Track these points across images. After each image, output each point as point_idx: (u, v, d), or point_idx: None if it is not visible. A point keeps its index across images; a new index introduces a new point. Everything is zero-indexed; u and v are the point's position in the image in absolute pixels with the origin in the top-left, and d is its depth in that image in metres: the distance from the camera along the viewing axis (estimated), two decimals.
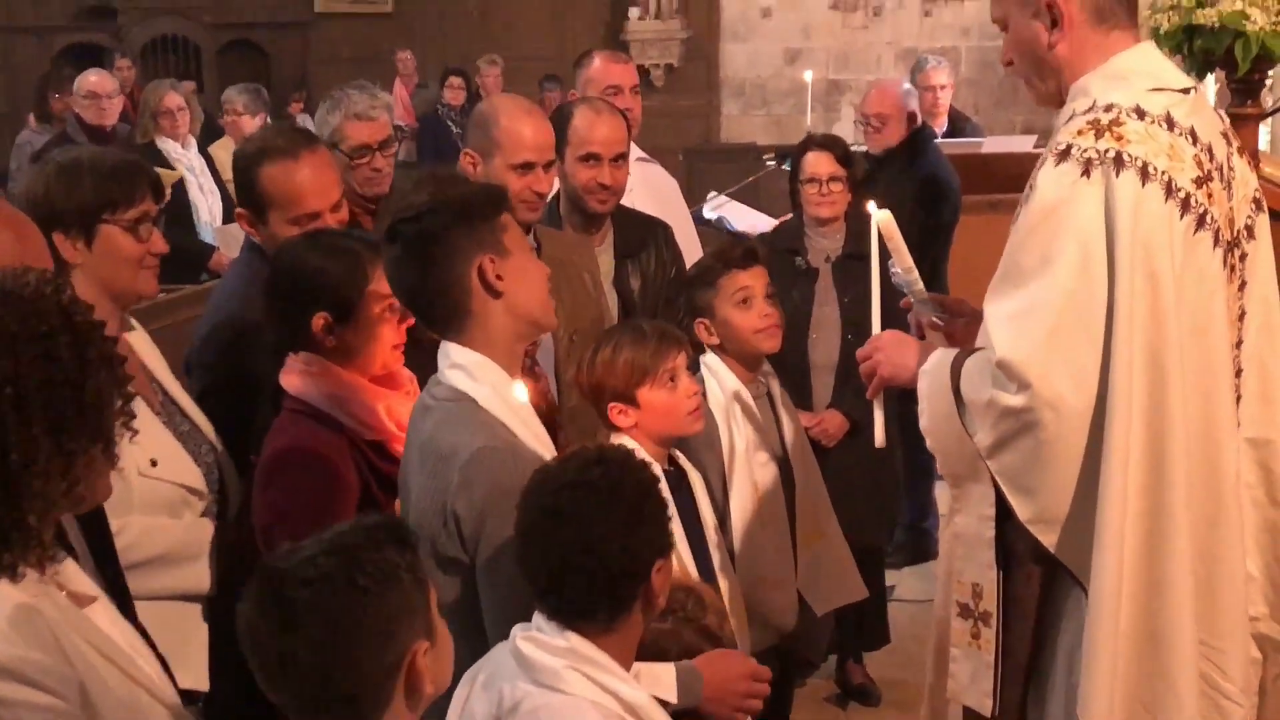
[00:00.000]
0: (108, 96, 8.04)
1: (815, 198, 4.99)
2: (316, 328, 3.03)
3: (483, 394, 2.69)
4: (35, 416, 1.84)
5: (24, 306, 1.87)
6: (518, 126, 3.80)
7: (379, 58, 13.60)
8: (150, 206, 3.11)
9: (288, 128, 3.95)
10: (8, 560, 1.86)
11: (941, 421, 2.88)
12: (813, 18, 14.54)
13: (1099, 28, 2.88)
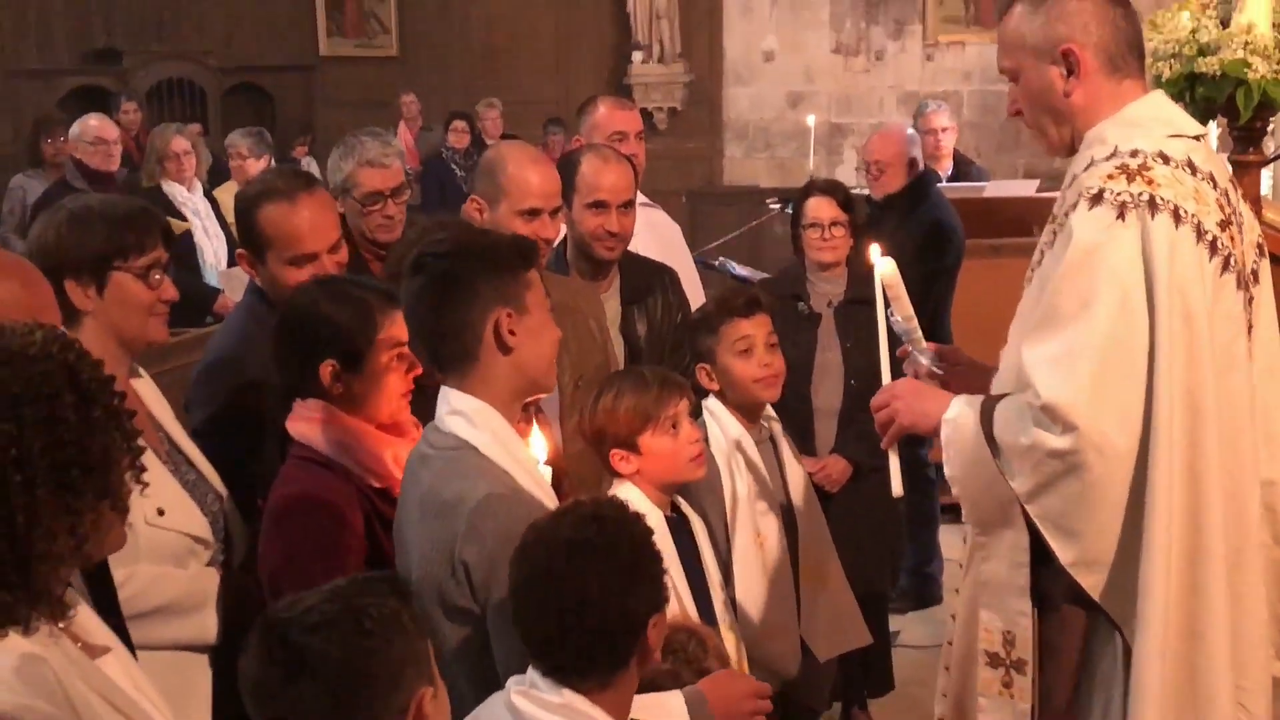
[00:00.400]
0: (112, 142, 8.07)
1: (817, 243, 5.00)
2: (325, 375, 3.03)
3: (483, 441, 2.69)
4: (40, 478, 1.84)
5: (29, 367, 1.87)
6: (524, 173, 3.83)
7: (384, 101, 13.67)
8: (161, 254, 3.12)
9: (288, 170, 3.98)
10: (20, 613, 1.86)
11: (971, 468, 2.88)
12: (815, 61, 14.61)
13: (1112, 77, 2.94)
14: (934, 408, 2.98)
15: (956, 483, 2.93)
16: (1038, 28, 2.94)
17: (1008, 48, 3.01)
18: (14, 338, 1.91)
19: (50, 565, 1.88)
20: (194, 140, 8.17)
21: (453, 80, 14.55)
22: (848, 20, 14.51)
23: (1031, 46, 2.95)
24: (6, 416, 1.84)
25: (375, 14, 15.05)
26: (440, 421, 2.75)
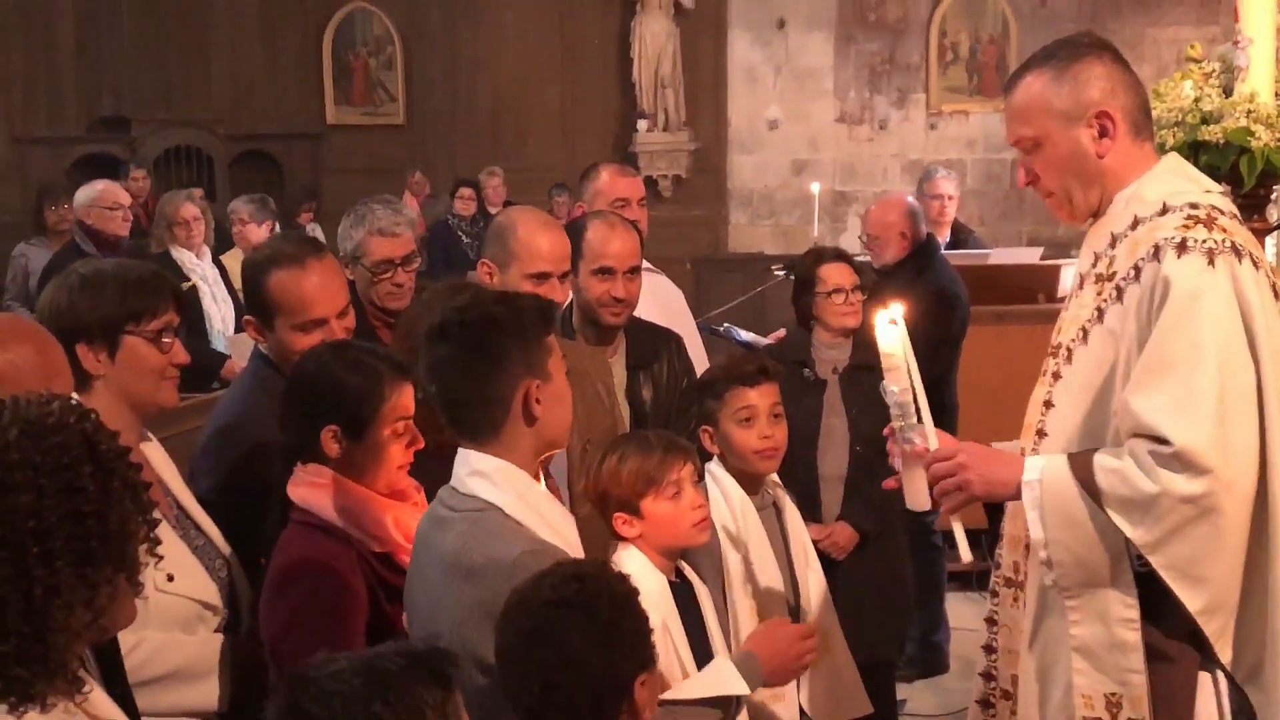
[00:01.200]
0: (122, 206, 8.11)
1: (842, 308, 5.00)
2: (326, 440, 3.03)
3: (508, 501, 2.69)
4: (59, 549, 1.83)
5: (47, 438, 1.86)
6: (534, 238, 3.88)
7: (390, 168, 13.75)
8: (173, 317, 3.12)
9: (295, 236, 4.00)
10: (38, 690, 1.84)
11: (1071, 528, 2.86)
12: (819, 130, 14.71)
13: (1136, 140, 3.03)
14: (1008, 475, 2.94)
15: (1046, 545, 2.89)
16: (1066, 93, 2.98)
17: (1028, 116, 3.03)
18: (31, 408, 1.90)
19: (68, 639, 1.87)
20: (202, 207, 8.20)
21: (459, 148, 14.66)
22: (851, 90, 14.63)
23: (1060, 112, 2.98)
24: (26, 487, 1.82)
25: (382, 83, 15.18)
26: (460, 483, 2.74)
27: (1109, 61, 3.03)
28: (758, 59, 14.76)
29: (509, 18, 14.80)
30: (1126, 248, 2.94)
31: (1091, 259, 3.06)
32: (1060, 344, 3.08)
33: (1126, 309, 2.90)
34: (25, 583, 1.81)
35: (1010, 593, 3.20)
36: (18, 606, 1.81)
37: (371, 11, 15.02)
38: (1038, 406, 3.11)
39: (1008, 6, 14.17)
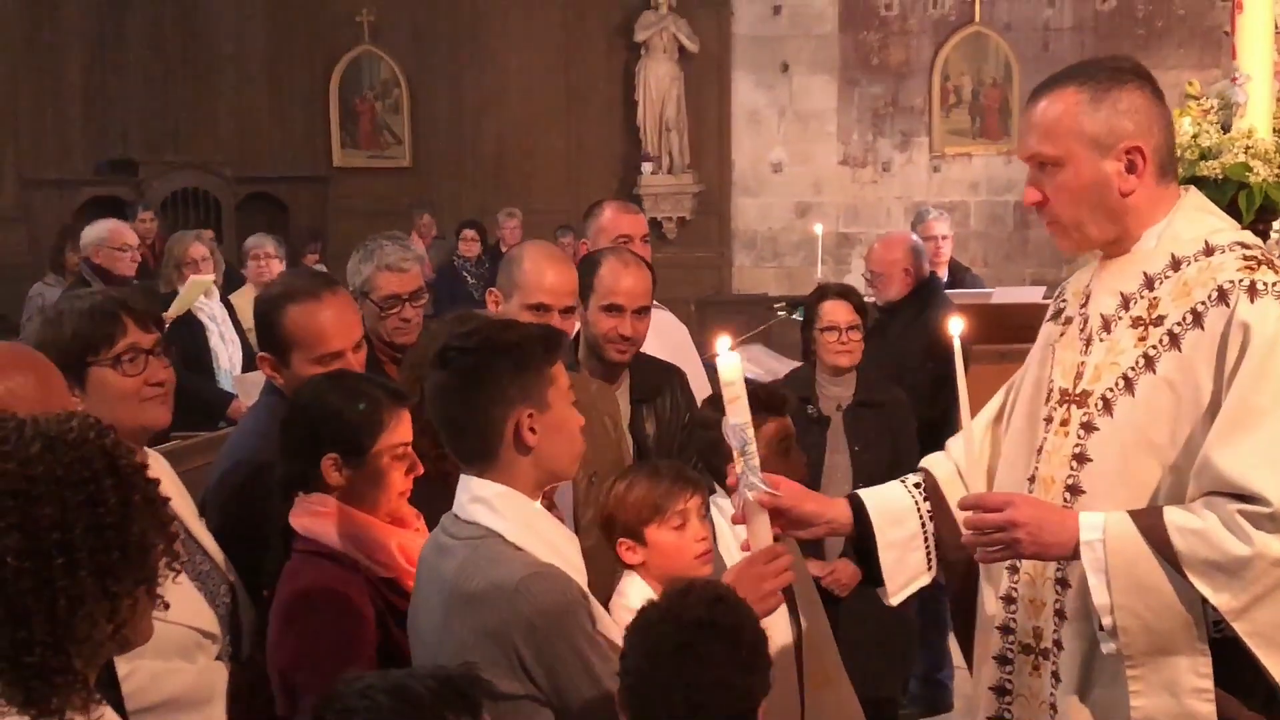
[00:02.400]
0: (129, 247, 8.16)
1: (835, 346, 5.02)
2: (326, 467, 3.04)
3: (507, 527, 2.69)
4: (82, 561, 1.84)
5: (68, 452, 1.88)
6: (539, 269, 3.94)
7: (396, 211, 13.81)
8: (139, 338, 3.08)
9: (308, 271, 4.03)
10: (55, 705, 1.85)
11: (1138, 595, 2.67)
12: (823, 173, 14.78)
13: (1162, 180, 2.85)
14: (1063, 535, 2.72)
15: (1117, 612, 2.69)
16: (1101, 119, 2.79)
17: (1055, 134, 2.83)
18: (51, 424, 1.92)
19: (90, 650, 1.88)
20: (211, 247, 8.25)
21: (464, 191, 14.73)
22: (855, 132, 14.71)
23: (1090, 137, 2.80)
24: (49, 499, 1.84)
25: (389, 126, 15.27)
26: (461, 509, 2.74)
27: (1149, 94, 2.85)
28: (761, 102, 14.84)
29: (514, 62, 14.90)
30: (1173, 290, 2.79)
31: (1118, 299, 2.86)
32: (1090, 392, 2.86)
33: (1189, 358, 2.73)
34: (49, 594, 1.82)
35: (1029, 660, 2.95)
36: (42, 617, 1.82)
37: (378, 56, 15.12)
38: (1062, 460, 2.88)
39: (1010, 50, 14.25)
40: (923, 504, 3.12)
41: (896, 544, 3.09)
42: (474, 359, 2.71)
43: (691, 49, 14.64)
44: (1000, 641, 3.01)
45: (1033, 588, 2.95)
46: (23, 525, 1.82)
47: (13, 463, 1.85)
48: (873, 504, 3.12)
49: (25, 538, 1.82)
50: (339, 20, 14.96)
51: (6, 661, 1.82)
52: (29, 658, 1.83)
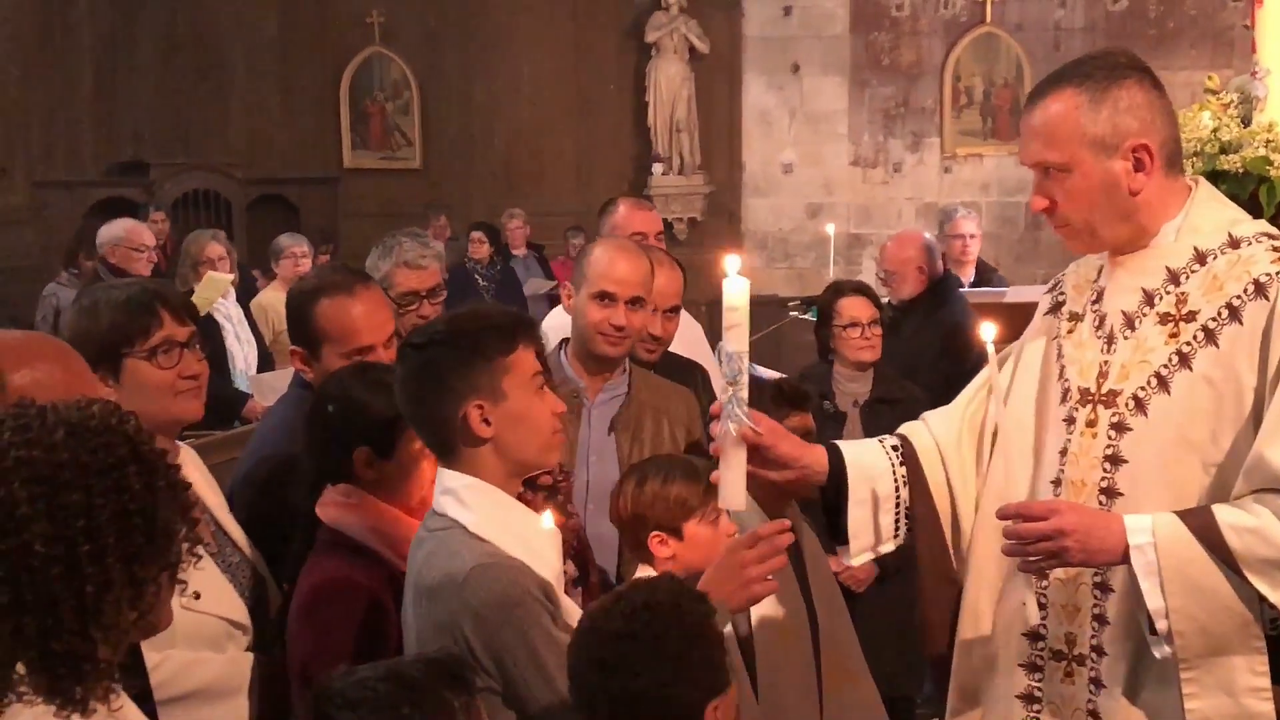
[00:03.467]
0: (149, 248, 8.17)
1: (858, 341, 5.02)
2: (359, 461, 3.04)
3: (472, 519, 2.68)
4: (109, 547, 1.84)
5: (93, 439, 1.87)
6: (608, 258, 3.91)
7: (407, 212, 13.79)
8: (174, 331, 3.09)
9: (341, 267, 4.02)
10: (79, 695, 1.84)
11: (1194, 596, 2.63)
12: (834, 173, 14.76)
13: (1171, 172, 2.81)
14: (1111, 541, 2.67)
15: (1173, 615, 2.64)
16: (1103, 120, 2.74)
17: (1056, 139, 2.78)
18: (72, 411, 1.91)
19: (115, 638, 1.88)
20: (227, 246, 8.26)
21: (475, 192, 14.73)
22: (865, 133, 14.69)
23: (1094, 139, 2.75)
24: (75, 486, 1.83)
25: (399, 127, 15.28)
26: (435, 502, 2.75)
27: (1149, 87, 2.79)
28: (772, 103, 14.83)
29: (525, 62, 14.90)
30: (1202, 284, 2.76)
31: (1140, 295, 2.82)
32: (1119, 392, 2.81)
33: (1228, 353, 2.69)
34: (77, 580, 1.82)
35: (1061, 666, 2.90)
36: (70, 604, 1.82)
37: (389, 57, 15.13)
38: (1092, 462, 2.84)
39: (1021, 50, 14.23)
40: (899, 468, 3.08)
41: (867, 501, 3.06)
42: (423, 354, 2.72)
43: (702, 50, 14.63)
44: (1029, 648, 2.95)
45: (1065, 593, 2.90)
46: (50, 512, 1.82)
47: (38, 449, 1.84)
48: (850, 457, 3.08)
49: (53, 524, 1.81)
50: (349, 22, 14.97)
51: (35, 649, 1.82)
52: (56, 645, 1.82)
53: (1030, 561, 2.72)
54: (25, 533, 1.80)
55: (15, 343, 2.47)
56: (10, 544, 1.80)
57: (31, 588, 1.80)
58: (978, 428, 3.10)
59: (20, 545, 1.80)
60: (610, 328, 3.93)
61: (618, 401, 4.00)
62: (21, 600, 1.80)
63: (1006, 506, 2.73)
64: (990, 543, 2.94)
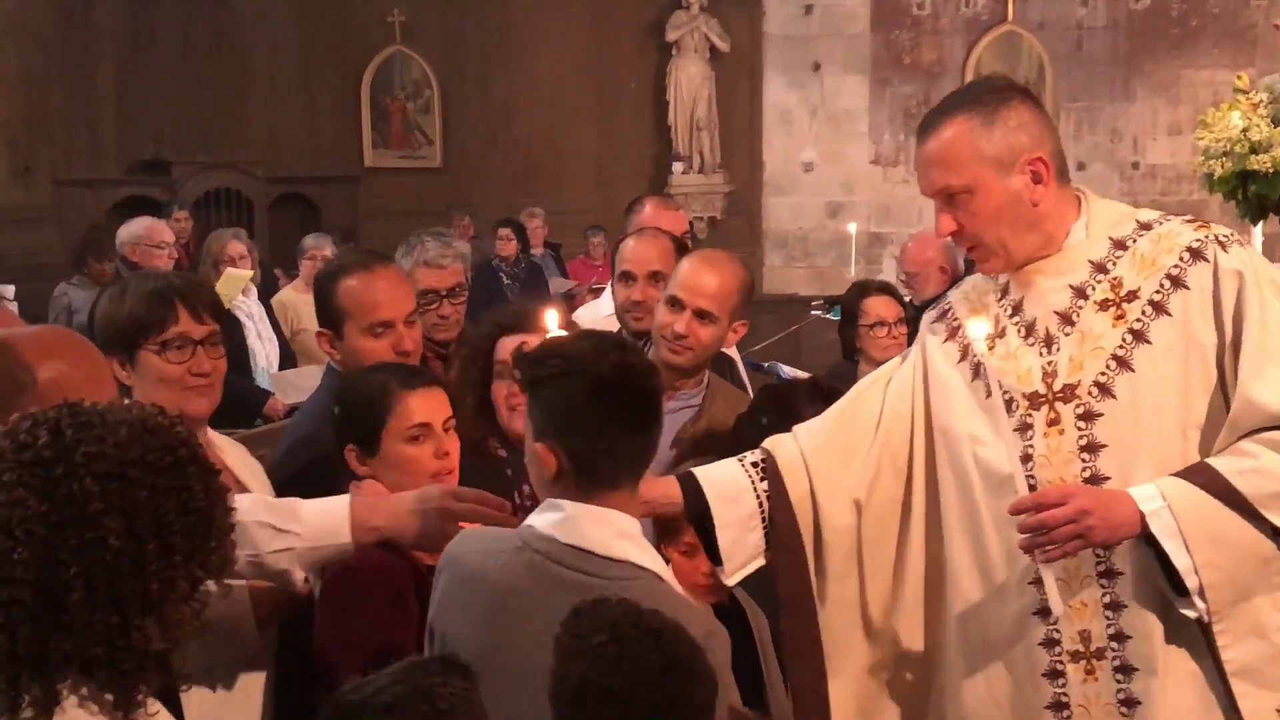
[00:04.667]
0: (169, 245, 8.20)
1: (885, 341, 5.01)
2: (350, 458, 3.09)
3: (661, 568, 2.67)
4: (175, 545, 1.84)
5: (154, 438, 1.88)
6: (691, 267, 3.94)
7: (427, 211, 13.82)
8: (190, 327, 3.12)
9: (363, 249, 4.11)
10: (129, 698, 1.85)
11: (1219, 547, 2.70)
12: (854, 172, 14.75)
13: (1062, 181, 2.93)
14: (1128, 513, 2.74)
15: (1202, 570, 2.71)
16: (997, 140, 2.85)
17: (956, 164, 2.87)
18: (136, 411, 1.92)
19: (173, 635, 1.88)
20: (248, 244, 8.29)
21: (495, 191, 14.73)
22: (886, 132, 14.68)
23: (992, 159, 2.85)
24: (143, 484, 1.84)
25: (420, 126, 15.30)
26: (602, 544, 2.58)
27: (1032, 106, 2.93)
28: (793, 102, 14.83)
29: (545, 62, 14.91)
30: (1132, 265, 2.87)
31: (1070, 293, 2.91)
32: (1077, 383, 2.87)
33: (1181, 318, 2.81)
34: (144, 577, 1.82)
35: (1080, 666, 2.91)
36: (137, 601, 1.82)
37: (410, 56, 15.14)
38: (1067, 457, 2.88)
39: (1043, 50, 14.21)
40: (759, 484, 3.13)
41: (734, 524, 3.10)
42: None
43: (723, 48, 14.64)
44: (1047, 656, 2.95)
45: (1069, 592, 2.90)
46: (122, 507, 1.82)
47: (108, 446, 1.84)
48: (708, 482, 3.12)
49: (126, 520, 1.81)
50: (370, 21, 14.98)
51: (103, 645, 1.82)
52: (122, 641, 1.82)
53: (1052, 550, 2.74)
54: (100, 527, 1.80)
55: (39, 337, 2.49)
56: (86, 538, 1.80)
57: (104, 584, 1.80)
58: (871, 427, 3.15)
59: (96, 539, 1.80)
60: (671, 334, 3.85)
61: (687, 413, 3.90)
62: (95, 596, 1.80)
63: (1020, 501, 2.76)
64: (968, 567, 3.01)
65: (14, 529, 1.80)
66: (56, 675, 1.81)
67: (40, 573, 1.79)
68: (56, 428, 1.86)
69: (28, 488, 1.81)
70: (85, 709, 1.82)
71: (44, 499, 1.80)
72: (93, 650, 1.82)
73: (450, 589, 2.66)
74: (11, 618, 1.79)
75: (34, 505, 1.80)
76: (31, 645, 1.80)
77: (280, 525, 2.86)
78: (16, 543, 1.79)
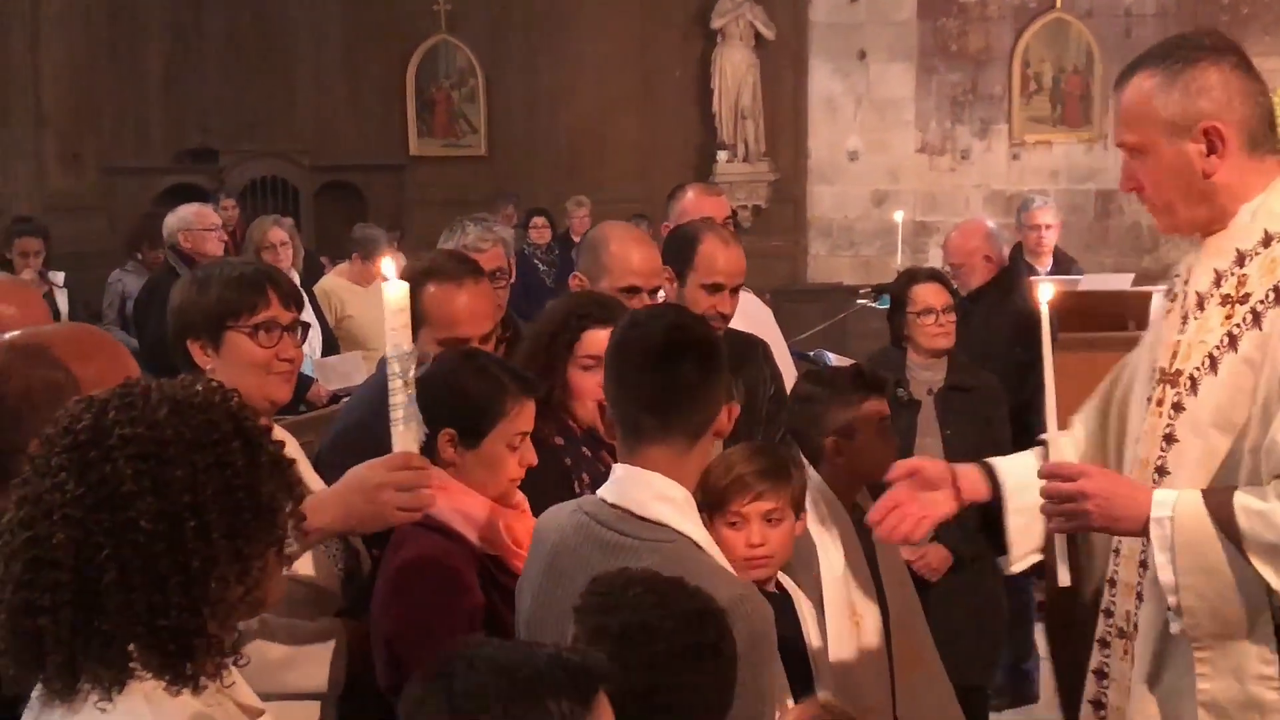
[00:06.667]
0: (218, 227, 8.23)
1: (932, 329, 4.98)
2: (441, 441, 3.06)
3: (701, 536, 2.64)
4: (214, 523, 1.84)
5: (196, 415, 1.88)
6: (627, 252, 3.98)
7: (472, 199, 13.84)
8: (279, 313, 3.17)
9: (458, 254, 4.08)
10: (190, 670, 1.85)
11: (1204, 576, 2.65)
12: (900, 161, 14.66)
13: (1253, 155, 2.78)
14: (1133, 510, 2.71)
15: (1182, 592, 2.67)
16: (1175, 102, 2.75)
17: (1132, 121, 2.82)
18: (176, 388, 1.92)
19: (223, 613, 1.88)
20: (290, 232, 8.30)
21: (539, 179, 14.73)
22: (933, 120, 14.59)
23: (1165, 121, 2.76)
24: (180, 462, 1.84)
25: (464, 115, 15.31)
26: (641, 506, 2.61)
27: (1229, 68, 2.76)
28: (838, 90, 14.75)
29: (590, 50, 14.88)
30: (1261, 267, 2.75)
31: (1213, 277, 2.83)
32: (1182, 371, 2.83)
33: (1267, 335, 2.70)
34: (183, 556, 1.82)
35: (1122, 644, 2.96)
36: (177, 581, 1.82)
37: (454, 45, 15.15)
38: (1154, 440, 2.86)
39: (1092, 37, 14.07)
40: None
41: (1023, 509, 3.05)
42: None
43: (768, 36, 14.56)
44: (1103, 624, 3.01)
45: (1128, 568, 2.94)
46: (155, 488, 1.82)
47: (142, 426, 1.85)
48: (1002, 469, 3.13)
49: (158, 500, 1.82)
50: (416, 9, 15.01)
51: (143, 625, 1.82)
52: (164, 621, 1.82)
53: (1058, 522, 2.78)
54: (131, 509, 1.81)
55: (72, 337, 2.52)
56: (117, 520, 1.81)
57: (138, 564, 1.81)
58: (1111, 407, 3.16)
59: (126, 521, 1.81)
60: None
61: None
62: (129, 577, 1.80)
63: (1045, 464, 2.81)
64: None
65: (54, 512, 1.82)
66: (110, 655, 1.82)
67: (78, 555, 1.80)
68: (102, 410, 1.87)
69: (68, 471, 1.83)
70: (149, 687, 1.83)
71: (80, 481, 1.82)
72: (135, 630, 1.82)
73: (529, 554, 2.78)
74: (55, 600, 1.80)
75: (71, 488, 1.82)
76: (77, 627, 1.81)
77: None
78: (56, 526, 1.81)
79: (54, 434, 1.87)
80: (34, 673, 1.85)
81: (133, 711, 1.81)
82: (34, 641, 1.81)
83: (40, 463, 1.86)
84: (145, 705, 1.81)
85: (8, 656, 1.84)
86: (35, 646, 1.82)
